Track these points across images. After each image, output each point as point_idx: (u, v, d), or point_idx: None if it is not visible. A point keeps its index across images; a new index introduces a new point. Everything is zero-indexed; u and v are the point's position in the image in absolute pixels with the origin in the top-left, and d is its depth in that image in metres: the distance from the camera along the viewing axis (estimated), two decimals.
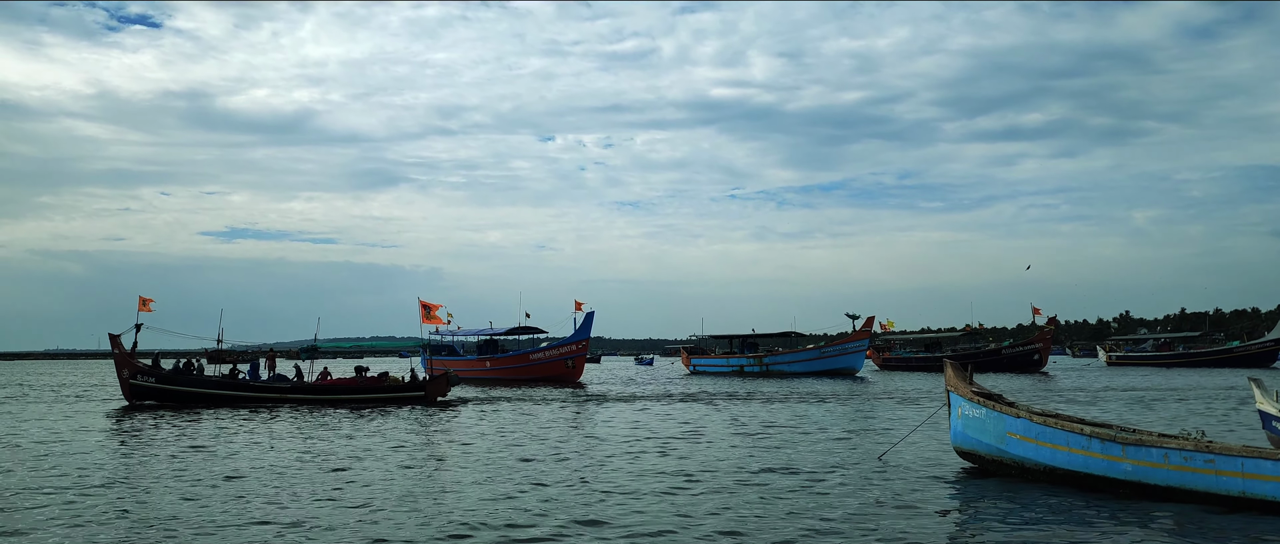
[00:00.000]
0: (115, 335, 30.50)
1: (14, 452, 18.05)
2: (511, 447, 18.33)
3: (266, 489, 13.14)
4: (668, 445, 18.26)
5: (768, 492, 12.67)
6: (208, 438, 20.11)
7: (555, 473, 14.64)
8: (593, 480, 13.82)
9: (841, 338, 60.66)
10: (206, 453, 17.42)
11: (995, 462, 13.72)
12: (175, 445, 18.75)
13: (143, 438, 20.48)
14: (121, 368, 30.82)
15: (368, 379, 32.03)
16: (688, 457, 16.44)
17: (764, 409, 27.92)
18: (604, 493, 12.71)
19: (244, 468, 15.28)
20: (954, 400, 14.84)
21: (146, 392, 30.77)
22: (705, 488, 13.01)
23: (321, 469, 15.12)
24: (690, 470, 14.66)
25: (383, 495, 12.62)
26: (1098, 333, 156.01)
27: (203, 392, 30.54)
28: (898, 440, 17.92)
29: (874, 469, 14.60)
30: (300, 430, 21.69)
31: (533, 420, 24.40)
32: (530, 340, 55.78)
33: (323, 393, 31.03)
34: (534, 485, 13.41)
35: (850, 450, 17.19)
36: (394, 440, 19.42)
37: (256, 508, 11.68)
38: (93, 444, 19.42)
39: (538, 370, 50.36)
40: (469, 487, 13.40)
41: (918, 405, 28.95)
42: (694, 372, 67.05)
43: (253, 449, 18.02)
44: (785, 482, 13.48)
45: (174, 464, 15.83)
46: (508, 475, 14.40)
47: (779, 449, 17.48)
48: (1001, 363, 63.67)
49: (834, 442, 18.71)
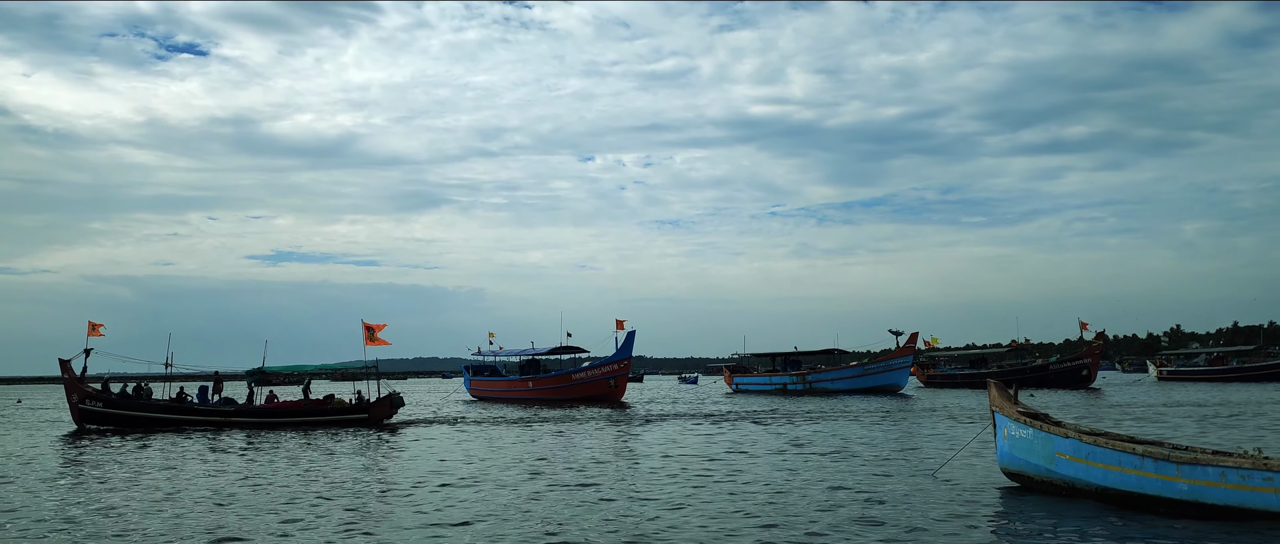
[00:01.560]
0: (65, 360, 31.10)
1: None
2: (432, 473, 18.02)
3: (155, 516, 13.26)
4: (710, 461, 18.18)
5: (816, 511, 12.56)
6: (123, 462, 20.34)
7: (472, 501, 14.22)
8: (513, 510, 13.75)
9: (885, 355, 60.08)
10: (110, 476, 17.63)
11: (1044, 482, 13.51)
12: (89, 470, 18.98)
13: (71, 462, 20.72)
14: (71, 392, 31.47)
15: (312, 402, 32.38)
16: (740, 473, 16.36)
17: (809, 427, 27.72)
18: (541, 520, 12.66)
19: (127, 499, 15.42)
20: (999, 420, 14.66)
21: (95, 415, 31.35)
22: (751, 505, 12.93)
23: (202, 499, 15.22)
24: (735, 488, 14.58)
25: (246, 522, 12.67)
26: (1147, 347, 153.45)
27: (150, 415, 31.08)
28: (947, 460, 17.72)
29: (923, 488, 14.44)
30: (201, 453, 21.88)
31: (474, 443, 24.05)
32: (572, 360, 55.85)
33: (267, 416, 31.36)
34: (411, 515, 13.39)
35: (898, 469, 17.01)
36: (304, 465, 19.27)
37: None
38: (26, 469, 19.58)
39: (580, 390, 50.37)
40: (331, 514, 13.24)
41: (964, 423, 28.60)
42: (737, 390, 66.78)
43: (159, 472, 18.19)
44: (833, 501, 13.36)
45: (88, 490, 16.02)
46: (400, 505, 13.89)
47: (826, 467, 17.34)
48: (1049, 379, 62.75)
49: (882, 460, 18.53)
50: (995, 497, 13.59)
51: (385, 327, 32.87)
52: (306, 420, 31.23)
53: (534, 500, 14.02)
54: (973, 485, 14.66)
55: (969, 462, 17.42)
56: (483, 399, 56.76)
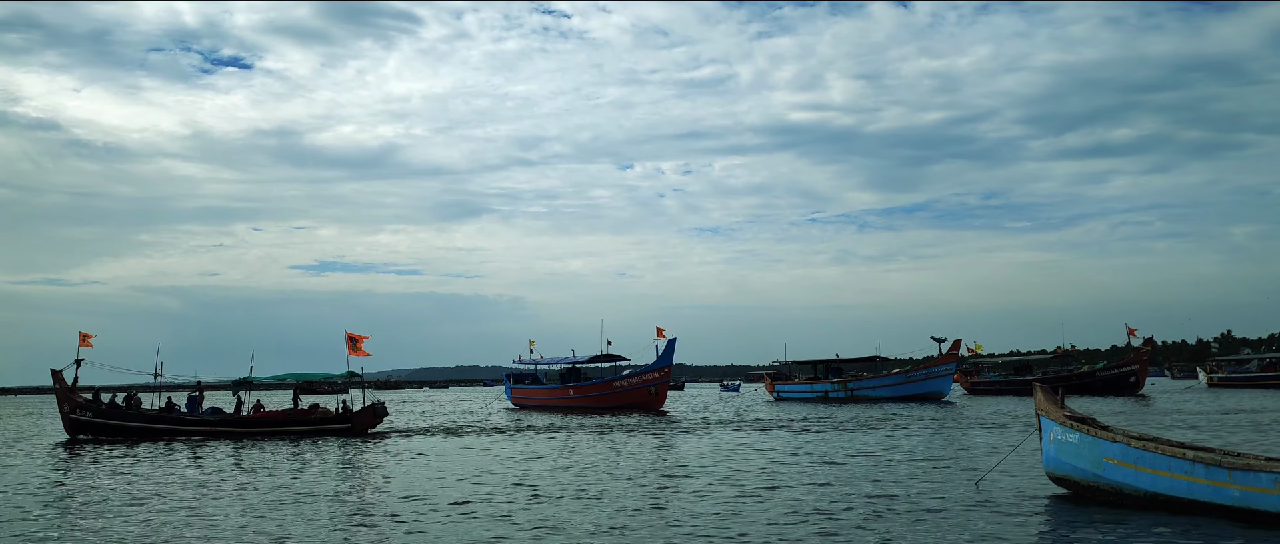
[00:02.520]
0: (57, 371, 31.51)
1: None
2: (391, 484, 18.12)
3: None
4: (753, 470, 18.10)
5: (862, 518, 12.47)
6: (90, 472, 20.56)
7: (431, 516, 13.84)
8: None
9: (927, 362, 59.50)
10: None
11: (1091, 488, 13.30)
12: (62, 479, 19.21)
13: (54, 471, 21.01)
14: (62, 402, 31.88)
15: (297, 411, 32.65)
16: (783, 481, 16.27)
17: (851, 435, 27.52)
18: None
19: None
20: (1045, 425, 14.46)
21: (85, 425, 31.74)
22: (795, 514, 12.86)
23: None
24: (778, 496, 14.51)
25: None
26: (1197, 354, 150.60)
27: (138, 425, 31.49)
28: (993, 466, 17.52)
29: (970, 495, 14.29)
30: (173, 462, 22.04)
31: (456, 456, 23.80)
32: (613, 368, 55.82)
33: (252, 426, 31.70)
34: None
35: (944, 476, 16.85)
36: (283, 475, 19.31)
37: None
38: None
39: (621, 398, 50.36)
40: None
41: (1009, 430, 28.25)
42: (778, 398, 66.43)
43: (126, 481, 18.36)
44: (878, 508, 13.26)
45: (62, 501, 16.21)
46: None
47: (870, 475, 17.22)
48: (1096, 386, 61.76)
49: (926, 467, 18.36)
50: (1042, 502, 13.42)
51: (368, 338, 33.01)
52: (291, 430, 31.61)
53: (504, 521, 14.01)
54: (1019, 491, 14.49)
55: (1014, 467, 17.21)
56: (524, 407, 56.95)
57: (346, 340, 32.59)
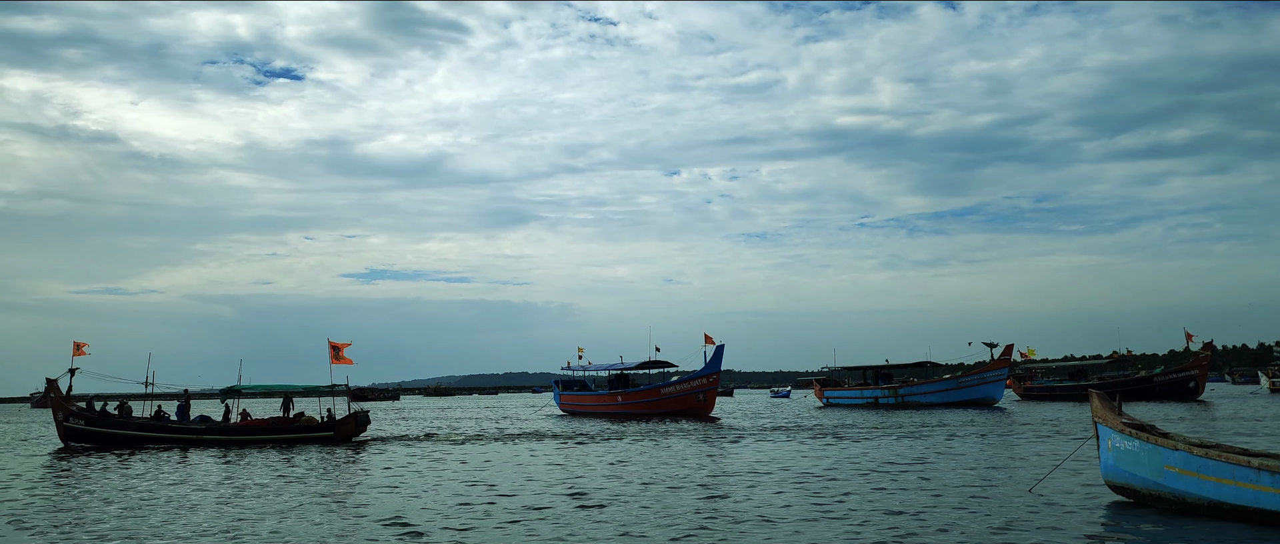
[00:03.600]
0: (52, 380, 32.20)
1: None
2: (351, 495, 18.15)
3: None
4: (804, 476, 17.96)
5: (914, 526, 12.32)
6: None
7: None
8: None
9: (979, 367, 58.79)
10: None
11: (1152, 496, 13.02)
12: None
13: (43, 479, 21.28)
14: (57, 411, 32.50)
15: (280, 420, 33.12)
16: (834, 488, 16.13)
17: (903, 442, 27.23)
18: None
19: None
20: (1103, 432, 14.19)
21: (78, 433, 32.30)
22: (851, 523, 12.73)
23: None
24: (829, 504, 14.38)
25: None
26: (1259, 358, 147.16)
27: (128, 433, 32.05)
28: (1047, 473, 17.22)
29: (1025, 503, 14.06)
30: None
31: (433, 464, 23.66)
32: (660, 374, 55.82)
33: (237, 433, 32.14)
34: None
35: (997, 484, 16.60)
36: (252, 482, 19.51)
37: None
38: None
39: (669, 404, 50.34)
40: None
41: (1065, 437, 27.78)
42: (827, 404, 66.01)
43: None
44: (931, 517, 13.08)
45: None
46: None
47: (922, 483, 17.01)
48: (1154, 391, 60.59)
49: (980, 475, 18.11)
50: (1101, 511, 13.16)
51: (350, 345, 33.23)
52: (274, 438, 32.11)
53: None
54: (1076, 499, 14.22)
55: (1071, 475, 16.92)
56: (572, 414, 57.13)
57: (330, 350, 32.92)
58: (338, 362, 32.76)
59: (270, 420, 33.35)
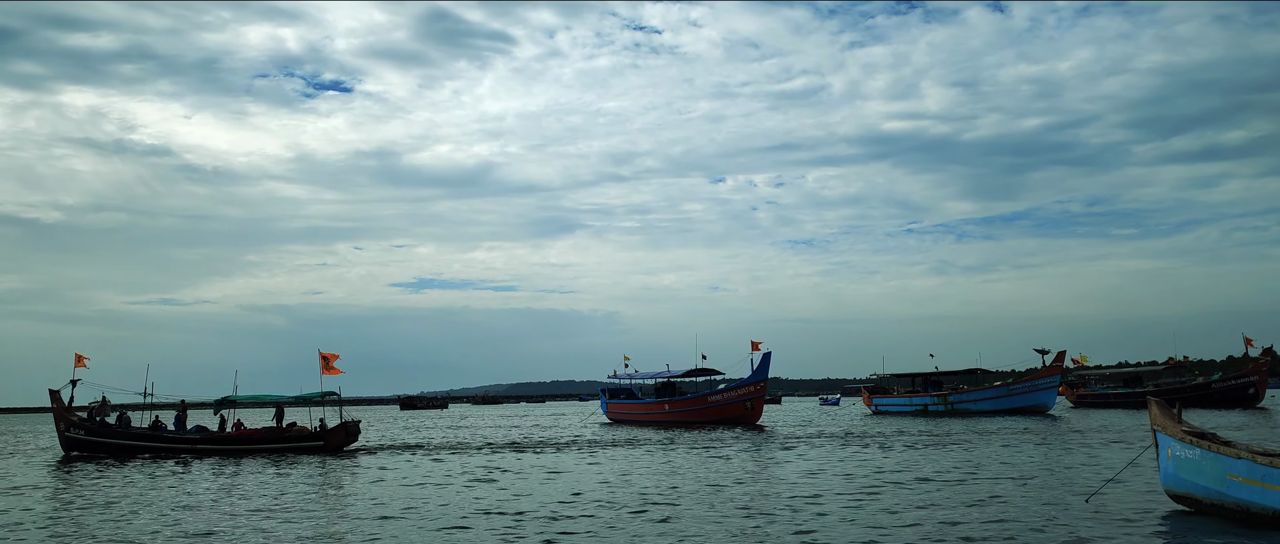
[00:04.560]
0: (55, 391, 32.58)
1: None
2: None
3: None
4: (855, 485, 17.81)
5: (970, 538, 12.16)
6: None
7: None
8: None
9: (1031, 374, 57.90)
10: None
11: (1215, 506, 12.74)
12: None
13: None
14: (59, 421, 33.06)
15: (272, 430, 33.53)
16: (884, 495, 15.98)
17: (955, 449, 26.91)
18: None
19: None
20: (1162, 440, 13.92)
21: (78, 443, 32.90)
22: (904, 536, 12.60)
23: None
24: (881, 513, 14.24)
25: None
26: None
27: (127, 443, 32.64)
28: (1104, 482, 16.92)
29: (1081, 512, 13.82)
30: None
31: (427, 473, 23.85)
32: (707, 382, 55.67)
33: (230, 443, 32.57)
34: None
35: (1052, 493, 16.34)
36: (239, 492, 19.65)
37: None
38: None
39: (716, 412, 50.19)
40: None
41: (1121, 445, 27.28)
42: (876, 411, 65.43)
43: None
44: (985, 527, 12.91)
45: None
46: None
47: (974, 492, 16.80)
48: (1212, 398, 59.33)
49: (1033, 484, 17.83)
50: (1162, 521, 12.91)
51: (339, 356, 33.45)
52: (267, 448, 32.57)
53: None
54: (1134, 509, 13.96)
55: (1128, 485, 16.61)
56: (619, 422, 57.15)
57: (320, 360, 33.18)
58: (328, 372, 33.17)
59: (263, 430, 33.90)
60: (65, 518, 16.07)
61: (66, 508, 17.55)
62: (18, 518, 16.30)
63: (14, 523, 15.67)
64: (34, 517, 16.42)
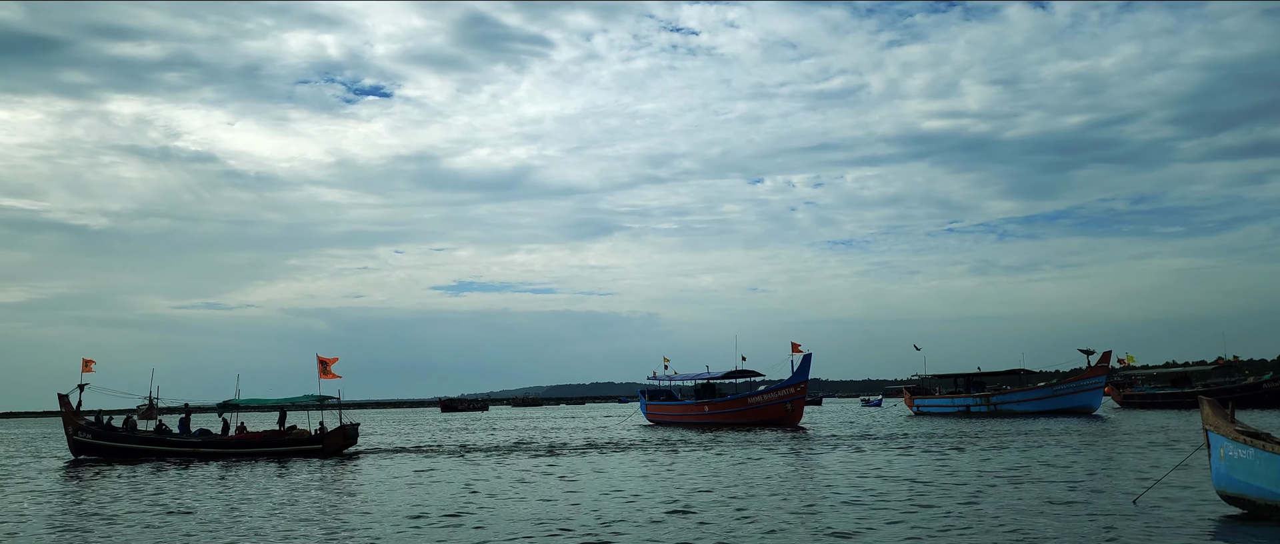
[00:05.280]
0: (63, 395, 33.09)
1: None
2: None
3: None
4: (893, 485, 17.67)
5: (1016, 540, 12.01)
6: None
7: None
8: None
9: (1075, 374, 57.17)
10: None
11: (1269, 507, 12.49)
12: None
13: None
14: (67, 424, 33.61)
15: (273, 433, 33.98)
16: (925, 497, 15.84)
17: (999, 451, 26.62)
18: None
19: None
20: (1214, 440, 13.67)
21: (86, 446, 33.55)
22: (951, 536, 12.48)
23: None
24: (922, 517, 14.12)
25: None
26: None
27: (133, 446, 33.19)
28: (1152, 484, 16.64)
29: (1130, 515, 13.61)
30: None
31: (420, 475, 23.97)
32: (747, 384, 55.54)
33: (232, 446, 33.10)
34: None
35: (1099, 495, 16.11)
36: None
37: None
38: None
39: (756, 414, 50.05)
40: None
41: (1170, 446, 26.85)
42: (918, 412, 64.93)
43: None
44: (1035, 528, 12.75)
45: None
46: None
47: (1019, 494, 16.59)
48: (1263, 398, 58.23)
49: (1079, 486, 17.59)
50: (1214, 523, 12.68)
51: (337, 360, 33.80)
52: (266, 451, 32.98)
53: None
54: (1185, 511, 13.72)
55: (1178, 486, 16.33)
56: (659, 423, 57.15)
57: (317, 364, 33.57)
58: (326, 376, 33.58)
59: (263, 434, 34.38)
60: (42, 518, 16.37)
61: (48, 509, 17.89)
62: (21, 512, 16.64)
63: (19, 514, 15.95)
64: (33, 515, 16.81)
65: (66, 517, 16.82)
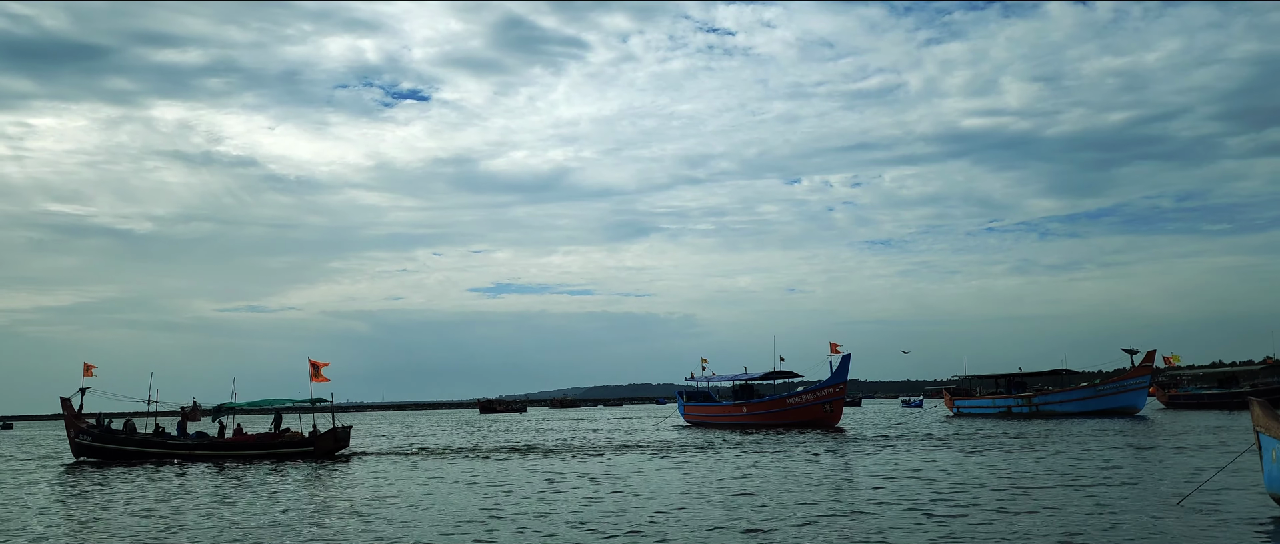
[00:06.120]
0: (66, 398, 33.74)
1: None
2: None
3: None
4: (933, 487, 17.56)
5: (1062, 541, 11.91)
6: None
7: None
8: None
9: (1119, 374, 56.36)
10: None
11: None
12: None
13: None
14: (69, 427, 34.26)
15: (266, 435, 34.49)
16: (965, 498, 15.73)
17: (1042, 453, 26.35)
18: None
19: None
20: (1265, 442, 13.47)
21: (87, 449, 34.18)
22: (995, 540, 12.39)
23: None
24: (963, 522, 14.02)
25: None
26: None
27: (131, 449, 33.79)
28: (1199, 485, 16.40)
29: (1174, 516, 13.43)
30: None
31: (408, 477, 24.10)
32: (785, 385, 55.32)
33: (226, 449, 33.67)
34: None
35: (1145, 497, 15.91)
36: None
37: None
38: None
39: (795, 415, 49.86)
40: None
41: (1218, 448, 26.43)
42: (958, 413, 64.37)
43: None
44: (1080, 528, 12.63)
45: None
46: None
47: (1064, 497, 16.44)
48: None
49: (1127, 487, 17.40)
50: (1267, 526, 12.52)
51: (328, 365, 34.39)
52: (259, 453, 33.47)
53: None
54: (1235, 513, 13.55)
55: (1227, 488, 16.10)
56: (697, 425, 57.09)
57: (310, 368, 34.05)
58: (317, 379, 34.09)
59: (257, 436, 34.90)
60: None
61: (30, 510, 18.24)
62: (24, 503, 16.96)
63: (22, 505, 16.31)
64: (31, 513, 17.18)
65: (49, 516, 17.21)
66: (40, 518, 17.33)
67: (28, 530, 15.67)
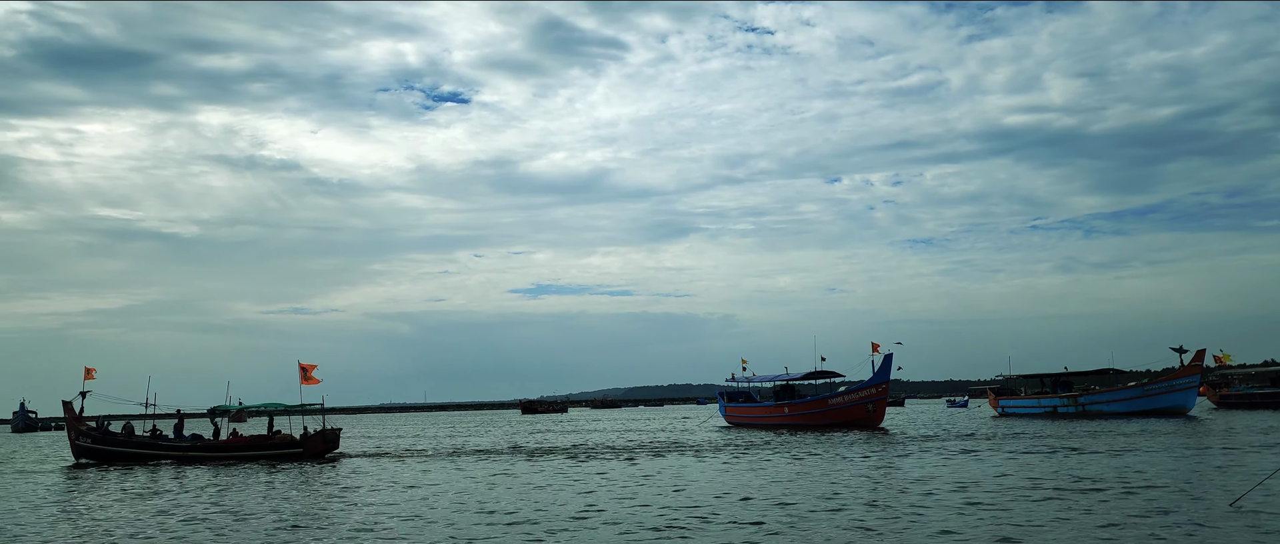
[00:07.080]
0: (67, 401, 34.50)
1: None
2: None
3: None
4: (974, 492, 17.46)
5: (1112, 540, 11.83)
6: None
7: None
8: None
9: (1167, 374, 55.52)
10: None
11: None
12: None
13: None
14: (70, 429, 35.05)
15: (258, 437, 35.20)
16: (1008, 498, 15.64)
17: (1090, 453, 26.07)
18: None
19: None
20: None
21: (87, 450, 34.91)
22: (1044, 539, 12.34)
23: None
24: (1007, 526, 13.95)
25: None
26: None
27: (129, 450, 34.58)
28: (1253, 486, 16.18)
29: (1229, 518, 13.27)
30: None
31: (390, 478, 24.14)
32: (826, 385, 55.12)
33: (219, 451, 34.40)
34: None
35: (1198, 497, 15.73)
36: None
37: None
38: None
39: (837, 415, 49.68)
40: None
41: (1272, 448, 25.98)
42: (1002, 413, 63.75)
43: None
44: (1128, 532, 12.52)
45: None
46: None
47: (1112, 500, 16.27)
48: None
49: (1177, 489, 17.19)
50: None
51: (316, 366, 34.93)
52: (250, 455, 34.07)
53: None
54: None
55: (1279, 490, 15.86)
56: (738, 425, 57.04)
57: (299, 371, 34.67)
58: (307, 382, 34.71)
59: (249, 439, 35.60)
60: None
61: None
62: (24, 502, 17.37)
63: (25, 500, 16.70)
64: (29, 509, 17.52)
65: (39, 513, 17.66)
66: (31, 513, 17.78)
67: (22, 523, 16.13)
